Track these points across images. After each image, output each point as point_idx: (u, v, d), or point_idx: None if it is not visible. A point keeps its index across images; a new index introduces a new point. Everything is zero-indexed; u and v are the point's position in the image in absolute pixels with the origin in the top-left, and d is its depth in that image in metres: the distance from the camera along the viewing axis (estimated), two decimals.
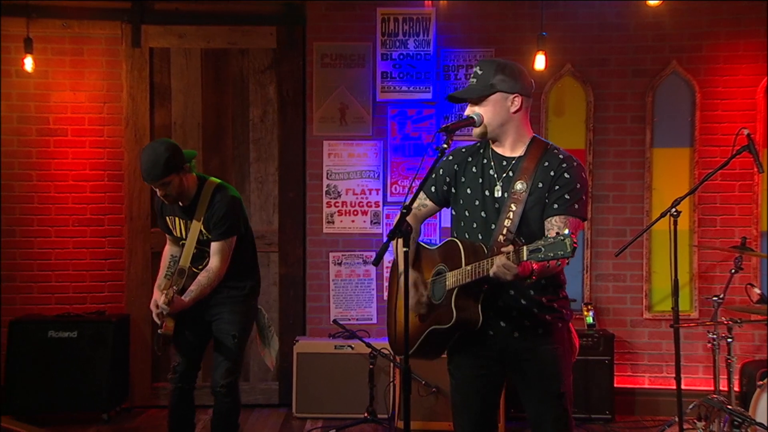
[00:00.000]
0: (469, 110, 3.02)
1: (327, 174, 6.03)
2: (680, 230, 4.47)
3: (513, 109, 3.03)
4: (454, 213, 3.20)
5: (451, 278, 2.96)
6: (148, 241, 6.01)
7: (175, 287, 4.11)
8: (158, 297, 4.17)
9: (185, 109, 6.04)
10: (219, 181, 4.28)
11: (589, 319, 5.73)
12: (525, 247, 2.63)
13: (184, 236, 4.26)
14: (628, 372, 5.95)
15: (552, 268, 2.81)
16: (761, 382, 4.70)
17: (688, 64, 5.90)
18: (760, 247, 5.82)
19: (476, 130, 3.02)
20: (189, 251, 4.18)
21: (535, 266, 2.70)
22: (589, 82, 5.97)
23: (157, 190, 4.07)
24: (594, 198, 5.94)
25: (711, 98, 5.88)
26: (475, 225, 3.06)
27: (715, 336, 4.80)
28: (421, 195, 3.25)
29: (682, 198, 4.42)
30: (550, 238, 2.59)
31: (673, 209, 4.36)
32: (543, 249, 2.58)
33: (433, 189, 3.24)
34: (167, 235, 4.43)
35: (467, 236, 3.08)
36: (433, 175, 3.20)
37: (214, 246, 4.15)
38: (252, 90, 6.07)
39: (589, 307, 5.80)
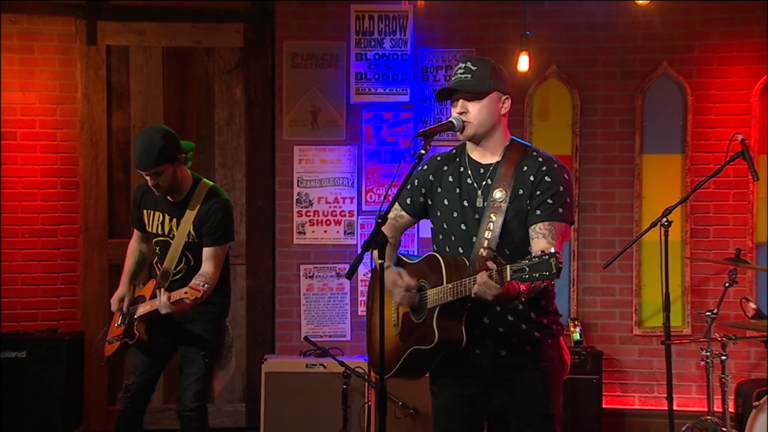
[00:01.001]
0: (460, 107, 3.02)
1: (298, 181, 6.02)
2: (672, 241, 4.49)
3: (503, 111, 3.07)
4: (432, 226, 3.20)
5: (432, 296, 2.96)
6: (105, 253, 5.96)
7: (163, 289, 4.03)
8: (124, 291, 4.21)
9: (145, 111, 6.01)
10: (212, 183, 4.28)
11: (576, 336, 5.75)
12: (508, 267, 2.63)
13: (160, 232, 4.23)
14: (618, 392, 5.98)
15: (540, 286, 2.82)
16: (757, 403, 4.73)
17: (680, 65, 5.95)
18: (755, 259, 5.86)
19: (466, 131, 3.02)
20: (176, 252, 4.17)
21: (522, 287, 2.71)
22: (575, 85, 6.01)
23: (148, 179, 4.05)
24: (581, 207, 5.98)
25: (704, 101, 5.94)
26: (453, 238, 3.07)
27: (708, 353, 4.84)
28: (397, 206, 3.26)
29: (674, 207, 4.46)
30: (534, 257, 2.59)
31: (664, 219, 4.39)
32: (527, 269, 2.59)
33: (408, 201, 3.24)
34: (136, 230, 4.41)
35: (447, 250, 3.09)
36: (408, 186, 3.21)
37: (208, 251, 4.13)
38: (217, 91, 6.05)
39: (576, 322, 5.83)
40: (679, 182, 5.94)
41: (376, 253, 2.75)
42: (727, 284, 5.10)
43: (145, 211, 4.31)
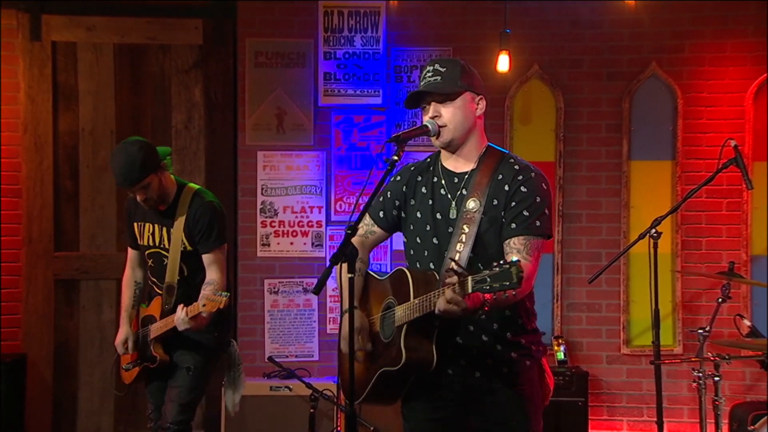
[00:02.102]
0: (432, 111, 3.01)
1: (262, 189, 6.00)
2: (661, 254, 4.51)
3: (479, 112, 3.06)
4: (405, 240, 3.20)
5: (399, 313, 2.95)
6: (51, 267, 5.90)
7: (186, 305, 4.04)
8: (127, 332, 4.30)
9: (95, 113, 5.97)
10: (198, 186, 4.34)
11: (560, 355, 5.77)
12: (470, 278, 2.63)
13: (152, 243, 4.27)
14: (604, 415, 6.00)
15: (510, 298, 2.81)
16: (753, 427, 4.76)
17: (669, 66, 6.01)
18: (750, 273, 5.91)
19: (442, 137, 3.02)
20: (175, 264, 4.21)
21: (487, 296, 2.71)
22: (558, 86, 6.05)
23: (137, 195, 4.12)
24: (565, 217, 6.01)
25: (695, 105, 6.00)
26: (426, 253, 3.07)
27: (701, 374, 4.86)
28: (368, 220, 3.25)
29: (663, 217, 4.48)
30: (495, 266, 2.59)
31: (653, 230, 4.42)
32: (488, 279, 2.59)
33: (381, 214, 3.24)
34: (130, 252, 4.45)
35: (419, 266, 3.08)
36: (381, 198, 3.21)
37: (207, 258, 4.21)
38: (175, 92, 6.03)
39: (560, 341, 5.84)
40: (669, 191, 5.99)
41: (345, 266, 2.75)
42: (720, 300, 5.13)
43: (135, 224, 4.35)
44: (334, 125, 6.04)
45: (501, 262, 2.60)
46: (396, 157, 2.88)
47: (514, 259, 2.59)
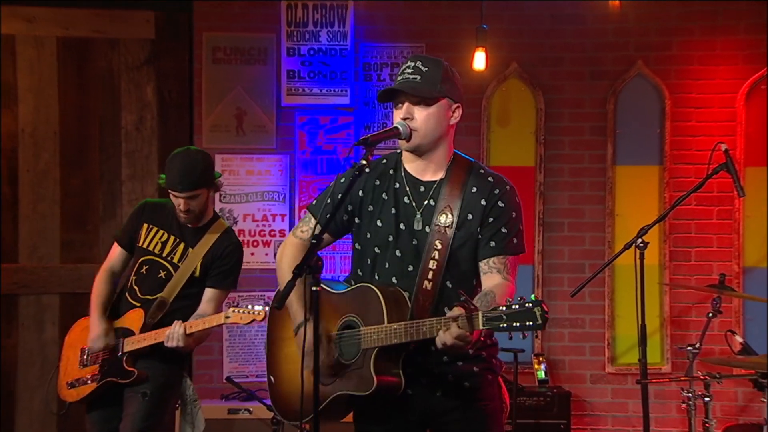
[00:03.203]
0: (405, 112, 3.00)
1: (220, 196, 5.96)
2: (648, 265, 4.54)
3: (453, 121, 3.06)
4: (358, 247, 3.18)
5: (371, 336, 2.94)
6: None
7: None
8: (105, 327, 4.20)
9: (37, 113, 5.92)
10: (228, 224, 4.46)
11: (541, 374, 5.78)
12: (480, 314, 2.64)
13: (157, 251, 4.29)
14: None
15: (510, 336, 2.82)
16: None
17: (656, 64, 6.05)
18: (742, 286, 5.95)
19: (411, 141, 3.00)
20: (178, 283, 4.27)
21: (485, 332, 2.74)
22: (539, 86, 6.07)
23: (182, 203, 4.19)
24: (545, 226, 6.03)
25: (683, 106, 6.05)
26: (387, 265, 3.06)
27: (690, 394, 4.89)
28: (310, 221, 3.23)
29: (650, 226, 4.51)
30: (514, 304, 2.60)
31: (640, 240, 4.44)
32: (504, 317, 2.59)
33: (328, 216, 3.18)
34: (116, 251, 4.42)
35: (378, 278, 3.08)
36: (328, 200, 3.15)
37: (212, 293, 4.30)
38: (125, 90, 5.99)
39: (541, 359, 5.85)
40: (656, 197, 6.03)
41: (297, 287, 2.75)
42: (710, 315, 5.16)
43: (145, 225, 4.36)
44: (298, 127, 6.03)
45: (520, 298, 2.61)
46: (364, 161, 2.87)
47: (533, 296, 2.61)
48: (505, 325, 2.60)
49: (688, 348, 5.07)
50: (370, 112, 6.01)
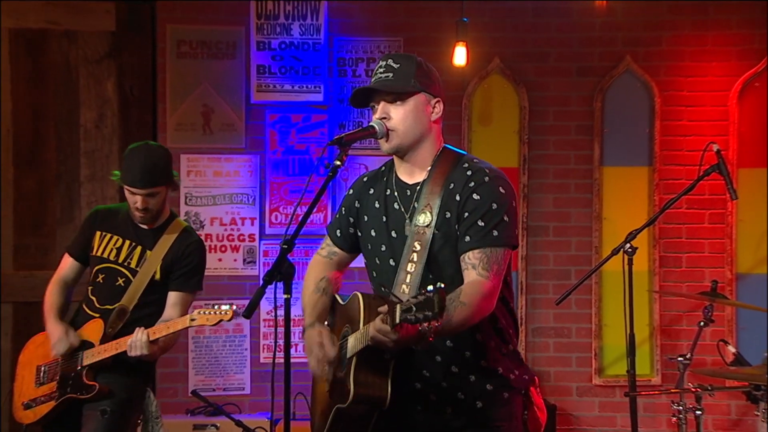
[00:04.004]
0: (381, 112, 2.99)
1: (186, 198, 5.95)
2: (637, 271, 4.56)
3: (434, 117, 3.05)
4: (365, 261, 3.21)
5: (350, 344, 2.96)
6: None
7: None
8: (64, 330, 4.16)
9: None
10: (186, 223, 4.44)
11: None
12: (398, 307, 2.61)
13: (113, 258, 4.26)
14: None
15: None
16: None
17: (646, 60, 6.08)
18: (735, 294, 5.99)
19: (390, 142, 3.00)
20: (138, 289, 4.24)
21: (425, 325, 2.67)
22: (522, 82, 6.09)
23: (138, 201, 4.16)
24: (529, 230, 6.05)
25: (674, 104, 6.08)
26: (387, 276, 3.06)
27: (681, 407, 4.90)
28: (328, 241, 3.28)
29: (639, 230, 4.53)
30: (420, 294, 2.57)
31: (628, 245, 4.46)
32: (414, 308, 2.56)
33: (338, 233, 3.25)
34: (67, 262, 4.40)
35: (384, 290, 3.03)
36: (337, 215, 3.24)
37: (176, 297, 4.28)
38: (83, 86, 5.96)
39: None
40: (645, 200, 6.06)
41: (312, 283, 2.74)
42: (702, 324, 5.18)
43: (98, 233, 4.33)
44: (268, 125, 6.02)
45: (426, 288, 2.56)
46: (339, 162, 2.86)
47: (440, 284, 2.55)
48: (413, 317, 2.55)
49: (679, 359, 5.09)
50: (344, 109, 6.01)
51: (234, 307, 4.06)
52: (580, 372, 6.06)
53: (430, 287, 2.54)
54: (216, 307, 4.07)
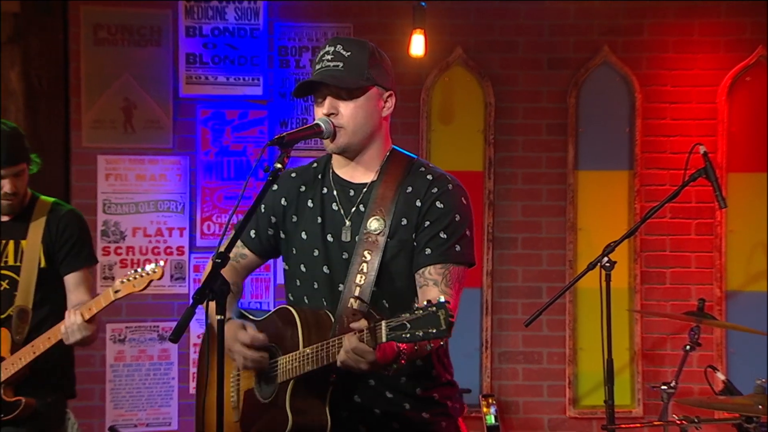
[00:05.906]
0: (328, 107, 2.99)
1: (104, 205, 5.92)
2: (615, 289, 4.60)
3: (386, 113, 3.08)
4: (286, 267, 3.20)
5: (285, 366, 2.95)
6: None
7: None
8: None
9: None
10: (52, 198, 4.44)
11: (490, 419, 5.80)
12: (384, 323, 2.62)
13: None
14: None
15: (430, 349, 2.78)
16: None
17: (625, 51, 6.13)
18: (724, 314, 6.05)
19: (337, 141, 3.01)
20: (29, 284, 4.23)
21: (403, 347, 2.71)
22: (488, 76, 6.12)
23: (7, 183, 4.15)
24: (496, 242, 6.08)
25: (656, 101, 6.14)
26: (316, 285, 3.07)
27: None
28: (238, 241, 3.23)
29: (618, 242, 4.56)
30: (418, 309, 2.59)
31: (606, 259, 4.50)
32: (409, 325, 2.58)
33: (252, 234, 3.23)
34: None
35: (307, 302, 3.08)
36: (252, 213, 3.17)
37: (75, 278, 4.29)
38: None
39: (490, 401, 5.88)
40: (625, 209, 6.11)
41: (213, 306, 2.72)
42: (688, 347, 5.23)
43: None
44: (200, 122, 6.01)
45: (426, 303, 2.59)
46: (280, 165, 2.86)
47: (441, 299, 2.58)
48: (408, 335, 2.58)
49: (663, 387, 5.13)
50: (287, 105, 6.01)
51: (161, 264, 3.97)
52: (553, 402, 6.10)
53: (434, 300, 2.58)
54: (140, 269, 3.99)
